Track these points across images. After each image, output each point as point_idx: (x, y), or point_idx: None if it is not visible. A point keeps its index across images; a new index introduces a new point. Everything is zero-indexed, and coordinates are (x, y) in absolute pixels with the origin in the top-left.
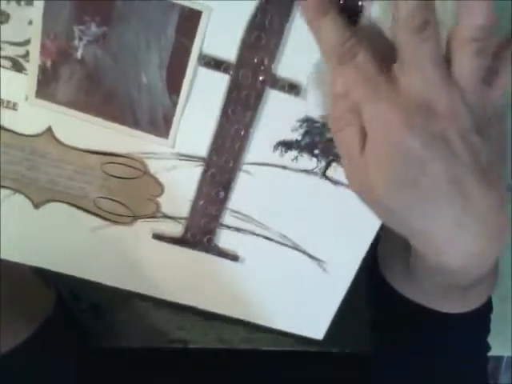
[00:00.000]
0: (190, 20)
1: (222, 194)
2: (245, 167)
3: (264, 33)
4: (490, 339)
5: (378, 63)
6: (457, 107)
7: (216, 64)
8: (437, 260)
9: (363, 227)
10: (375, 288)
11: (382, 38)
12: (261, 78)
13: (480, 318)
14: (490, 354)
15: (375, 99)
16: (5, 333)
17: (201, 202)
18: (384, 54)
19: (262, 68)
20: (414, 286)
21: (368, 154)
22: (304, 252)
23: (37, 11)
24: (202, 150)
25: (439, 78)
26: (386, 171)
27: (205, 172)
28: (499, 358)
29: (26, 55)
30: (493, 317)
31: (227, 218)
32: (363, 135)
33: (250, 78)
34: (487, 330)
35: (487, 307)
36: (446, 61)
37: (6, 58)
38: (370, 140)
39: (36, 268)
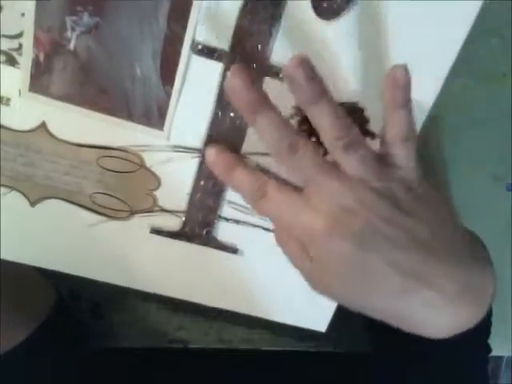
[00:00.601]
0: (181, 7)
1: (219, 185)
2: None
3: (257, 19)
4: (490, 339)
5: (290, 189)
6: (366, 199)
7: (209, 52)
8: (422, 334)
9: None
10: None
11: None
12: (254, 65)
13: (480, 321)
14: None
15: (296, 221)
16: (5, 332)
17: (198, 195)
18: None
19: (256, 55)
20: None
21: (314, 262)
22: None
23: (29, 3)
24: (198, 141)
25: (335, 182)
26: (335, 274)
27: (201, 163)
28: (499, 358)
29: (19, 48)
30: (493, 317)
31: (225, 210)
32: (305, 248)
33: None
34: (488, 333)
35: (488, 310)
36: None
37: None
38: (310, 251)
39: (36, 267)
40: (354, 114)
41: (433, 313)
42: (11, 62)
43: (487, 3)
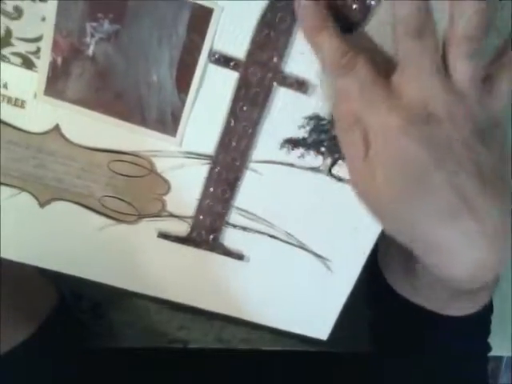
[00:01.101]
0: (201, 17)
1: (228, 192)
2: (251, 165)
3: (274, 30)
4: (490, 339)
5: (378, 73)
6: (458, 114)
7: (225, 61)
8: (442, 271)
9: (368, 225)
10: (376, 288)
11: (383, 48)
12: (269, 75)
13: (480, 319)
14: (490, 353)
15: (375, 107)
16: (5, 331)
17: (207, 201)
18: (385, 63)
19: (271, 65)
20: (417, 291)
21: (372, 159)
22: (309, 250)
23: (50, 7)
24: (210, 148)
25: (438, 85)
26: (390, 177)
27: (211, 170)
28: (499, 358)
29: (37, 52)
30: (493, 317)
31: (233, 217)
32: (367, 140)
33: (259, 76)
34: (487, 331)
35: (488, 308)
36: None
37: (16, 54)
38: (373, 146)
39: (38, 267)
40: None
41: (465, 245)
42: (28, 64)
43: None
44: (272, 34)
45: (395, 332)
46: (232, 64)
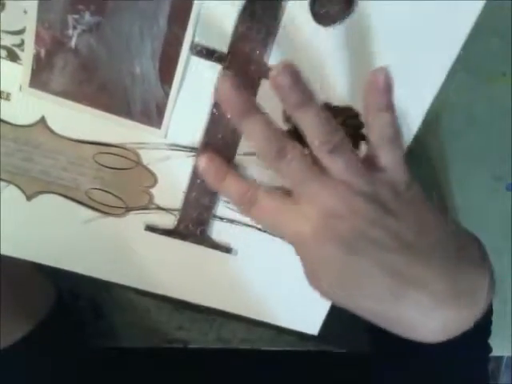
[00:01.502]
0: (181, 9)
1: None
2: (237, 157)
3: (256, 22)
4: (490, 339)
5: (280, 193)
6: (352, 203)
7: (208, 53)
8: (413, 338)
9: None
10: None
11: None
12: (252, 67)
13: (480, 321)
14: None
15: (285, 225)
16: (4, 329)
17: (194, 193)
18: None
19: (254, 57)
20: None
21: (304, 264)
22: None
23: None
24: (195, 139)
25: (322, 186)
26: (324, 276)
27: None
28: (499, 358)
29: (21, 44)
30: (493, 317)
31: (220, 209)
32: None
33: (242, 68)
34: (488, 332)
35: (488, 309)
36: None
37: (1, 47)
38: (300, 254)
39: (35, 264)
40: (348, 118)
41: (421, 315)
42: (13, 57)
43: (487, 3)
44: (254, 25)
45: (394, 334)
46: (215, 56)
